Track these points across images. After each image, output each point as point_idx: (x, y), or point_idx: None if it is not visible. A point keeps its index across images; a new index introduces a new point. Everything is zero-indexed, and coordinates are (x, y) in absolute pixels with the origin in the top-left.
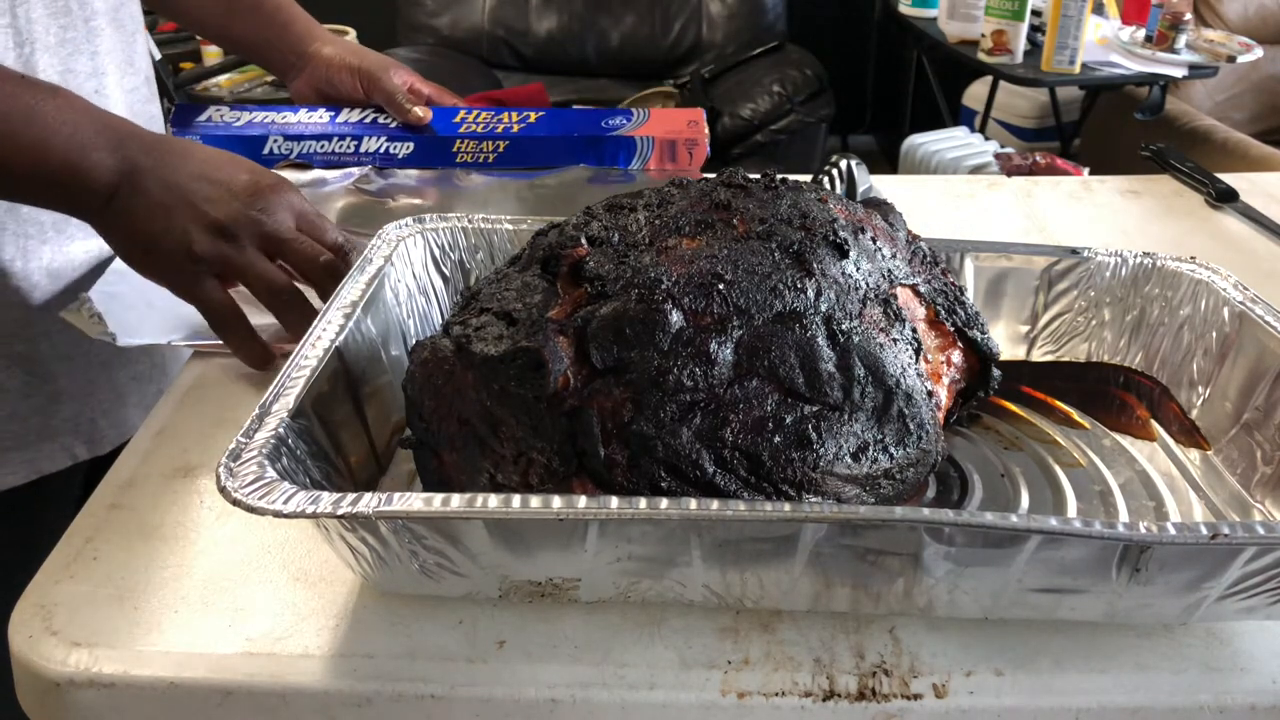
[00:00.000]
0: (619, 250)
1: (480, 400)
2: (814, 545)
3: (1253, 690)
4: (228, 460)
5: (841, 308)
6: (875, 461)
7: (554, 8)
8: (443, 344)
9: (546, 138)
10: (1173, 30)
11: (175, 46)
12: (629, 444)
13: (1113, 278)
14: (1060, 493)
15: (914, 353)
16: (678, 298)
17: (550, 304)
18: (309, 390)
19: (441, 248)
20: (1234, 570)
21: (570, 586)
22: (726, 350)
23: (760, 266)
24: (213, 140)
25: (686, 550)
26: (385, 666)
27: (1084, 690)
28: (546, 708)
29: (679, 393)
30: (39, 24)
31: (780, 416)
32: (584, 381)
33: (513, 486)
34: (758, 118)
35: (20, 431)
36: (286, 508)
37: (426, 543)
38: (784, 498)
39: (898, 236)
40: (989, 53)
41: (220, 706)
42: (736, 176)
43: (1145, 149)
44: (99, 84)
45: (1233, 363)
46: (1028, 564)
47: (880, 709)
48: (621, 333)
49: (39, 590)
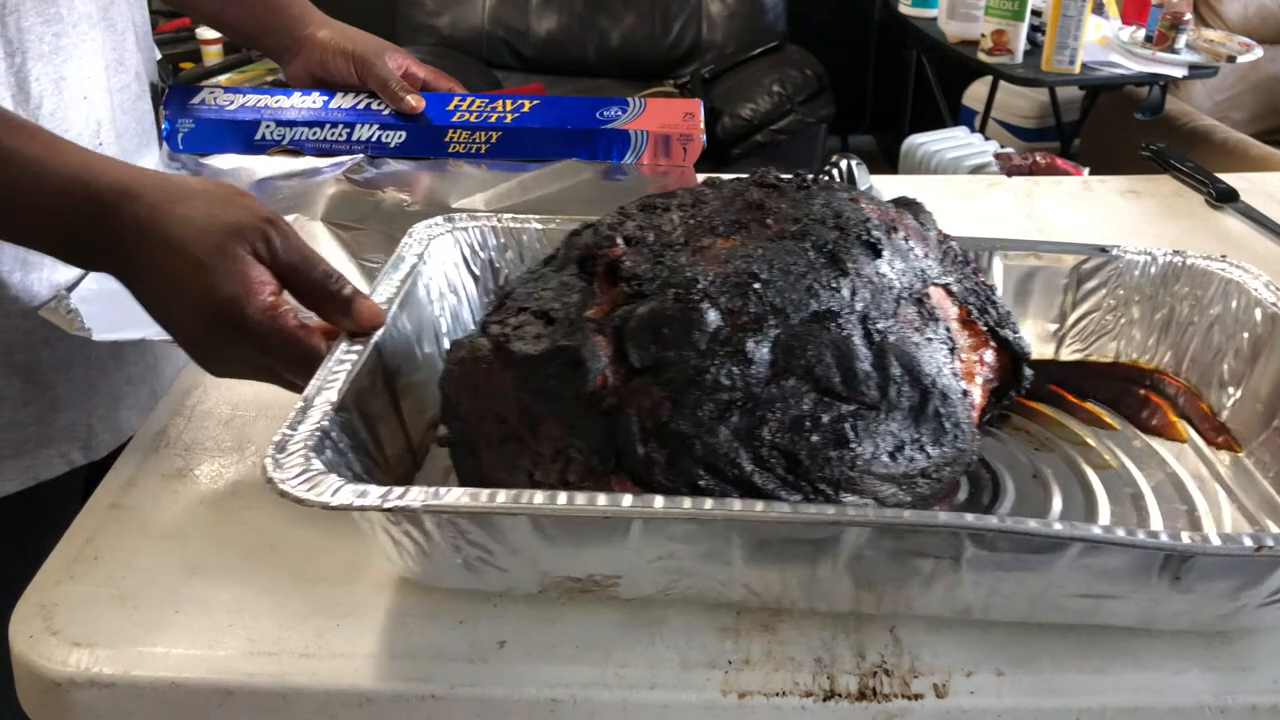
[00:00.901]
0: (654, 250)
1: (518, 399)
2: (855, 547)
3: (1253, 690)
4: (274, 451)
5: (876, 307)
6: (912, 461)
7: (554, 8)
8: (480, 343)
9: (540, 129)
10: (1173, 30)
11: (175, 46)
12: (667, 442)
13: (1142, 276)
14: (1092, 495)
15: (949, 352)
16: (714, 297)
17: (588, 303)
18: (351, 384)
19: (471, 247)
20: (1275, 580)
21: (610, 583)
22: (763, 349)
23: (795, 266)
24: (206, 124)
25: (728, 550)
26: (386, 666)
27: (1084, 690)
28: (547, 708)
29: (716, 392)
30: (31, 32)
31: (817, 415)
32: (622, 380)
33: (550, 484)
34: (758, 118)
35: (18, 439)
36: (334, 500)
37: (470, 537)
38: (821, 496)
39: (929, 235)
40: (989, 53)
41: (221, 707)
42: (769, 176)
43: (1145, 149)
44: (86, 89)
45: (1265, 364)
46: (1068, 570)
47: (881, 709)
48: (659, 332)
49: (40, 590)
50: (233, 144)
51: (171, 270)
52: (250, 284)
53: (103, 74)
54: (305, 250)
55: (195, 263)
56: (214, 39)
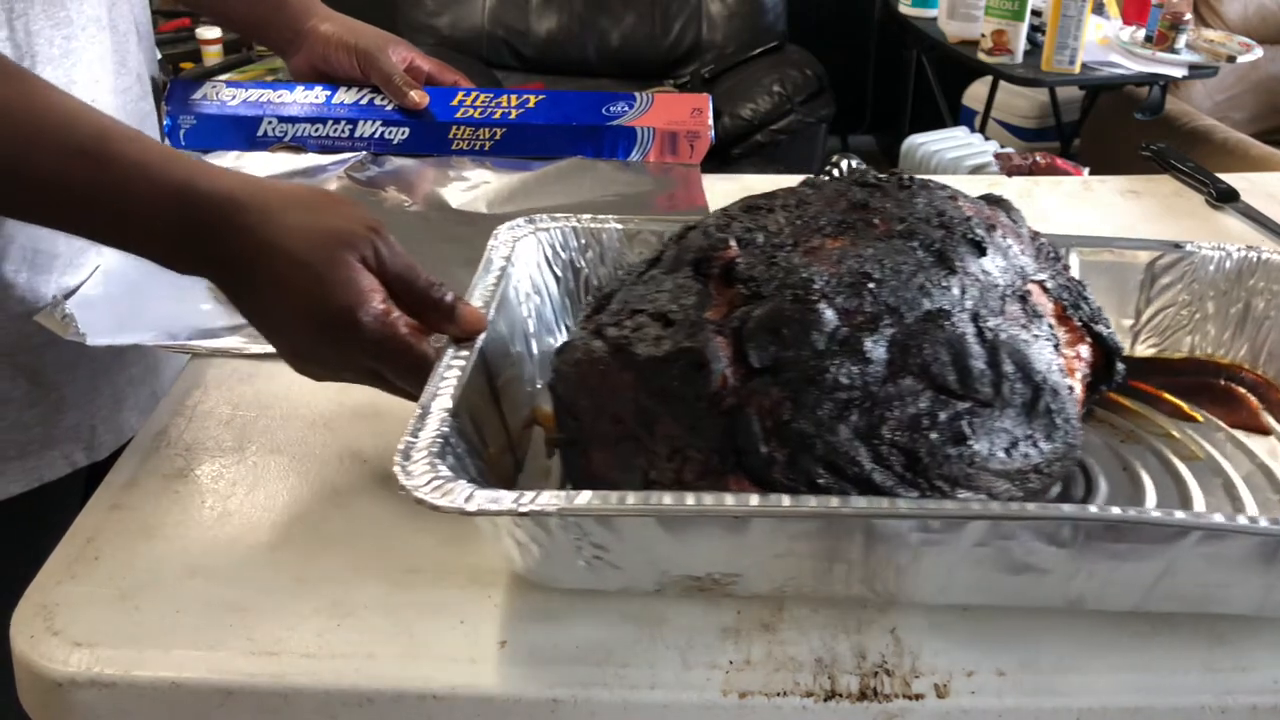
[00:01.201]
0: (766, 251)
1: (637, 399)
2: (977, 541)
3: (1253, 690)
4: (401, 459)
5: (985, 305)
6: (1026, 456)
7: (554, 8)
8: (595, 345)
9: (545, 125)
10: (1173, 30)
11: (175, 46)
12: (788, 442)
13: (1216, 271)
14: (1184, 486)
15: (1054, 348)
16: (830, 297)
17: (706, 305)
18: (463, 390)
19: (553, 247)
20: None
21: (729, 581)
22: (880, 348)
23: (906, 265)
24: (208, 120)
25: (850, 546)
26: (386, 667)
27: (1085, 690)
28: (547, 707)
29: (836, 391)
30: (40, 36)
31: (935, 413)
32: (741, 381)
33: (666, 483)
34: (758, 118)
35: (23, 441)
36: (470, 506)
37: (593, 538)
38: (938, 493)
39: (1022, 232)
40: (989, 53)
41: (221, 707)
42: (868, 175)
43: (1145, 149)
44: (94, 92)
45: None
46: (1186, 559)
47: (882, 709)
48: (778, 332)
49: (41, 591)
50: (234, 140)
51: (283, 280)
52: (363, 292)
53: (109, 76)
54: (408, 259)
55: (308, 273)
56: (214, 39)
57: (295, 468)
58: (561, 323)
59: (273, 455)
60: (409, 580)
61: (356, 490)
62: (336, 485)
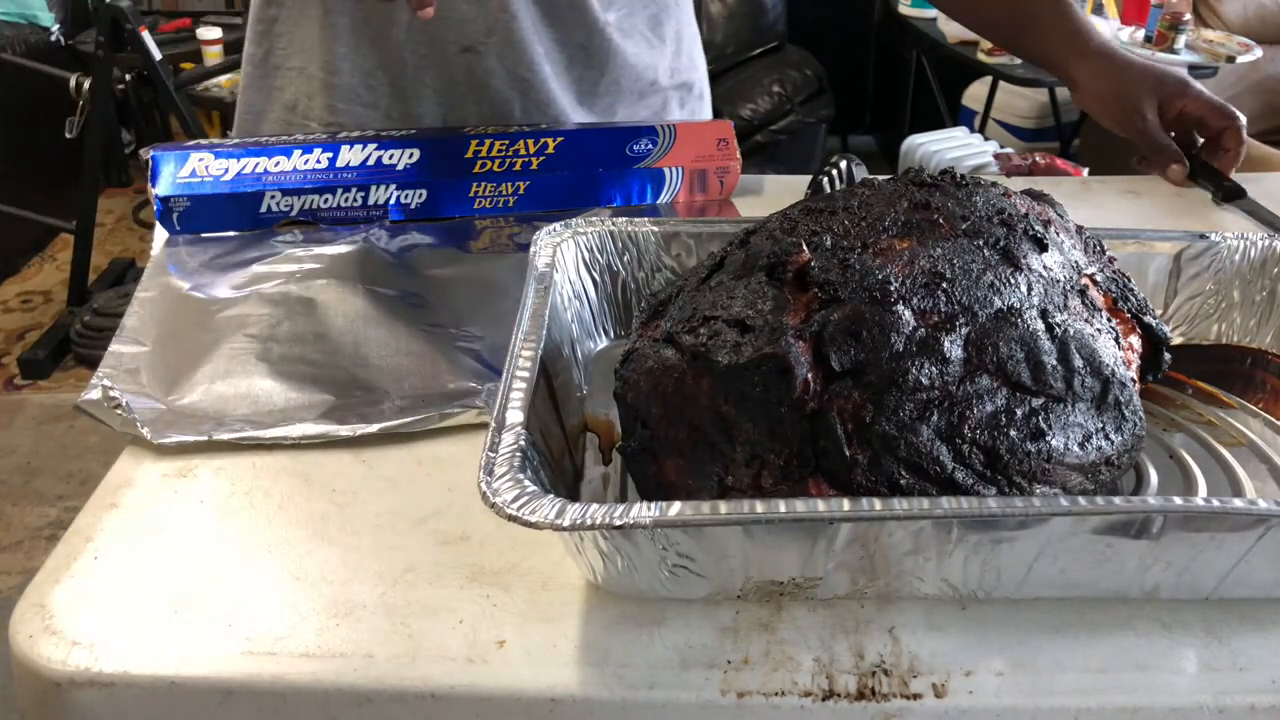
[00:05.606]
0: (837, 254)
1: (715, 406)
2: (1059, 535)
3: (1253, 690)
4: (484, 475)
5: (1050, 300)
6: (1100, 449)
7: None
8: (667, 354)
9: (569, 175)
10: (1172, 30)
11: (175, 47)
12: (870, 444)
13: (1242, 260)
14: (1232, 472)
15: (1115, 340)
16: (907, 298)
17: (783, 310)
18: (531, 401)
19: (590, 251)
20: None
21: (810, 585)
22: (957, 348)
23: (974, 264)
24: (203, 201)
25: (932, 545)
26: (385, 666)
27: (1084, 690)
28: (546, 707)
29: (916, 391)
30: None
31: (1012, 410)
32: (823, 384)
33: (743, 489)
34: (757, 118)
35: None
36: (564, 521)
37: (680, 548)
38: (1015, 489)
39: (1069, 227)
40: (989, 53)
41: (220, 706)
42: (924, 175)
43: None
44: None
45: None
46: (1260, 546)
47: (880, 709)
48: (858, 335)
49: (39, 590)
50: (236, 220)
51: None
52: None
53: None
54: None
55: None
56: (214, 39)
57: (295, 467)
58: (601, 327)
59: (271, 455)
60: (408, 580)
61: (356, 490)
62: (336, 485)
